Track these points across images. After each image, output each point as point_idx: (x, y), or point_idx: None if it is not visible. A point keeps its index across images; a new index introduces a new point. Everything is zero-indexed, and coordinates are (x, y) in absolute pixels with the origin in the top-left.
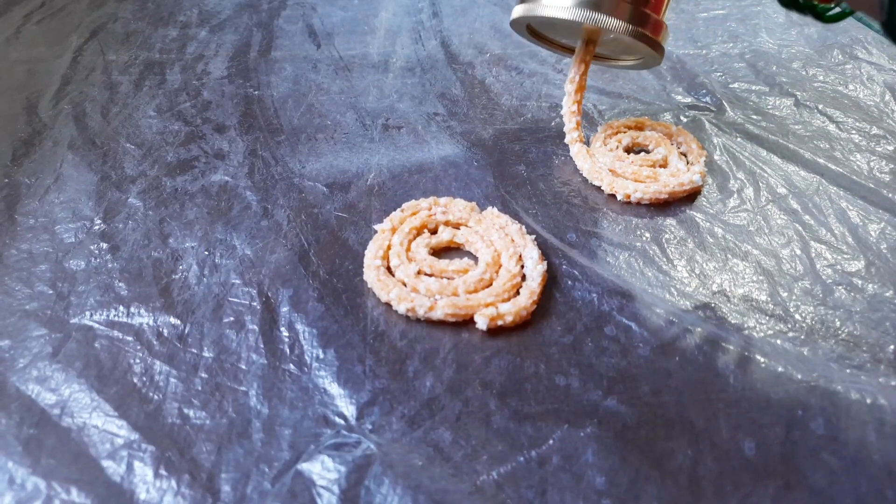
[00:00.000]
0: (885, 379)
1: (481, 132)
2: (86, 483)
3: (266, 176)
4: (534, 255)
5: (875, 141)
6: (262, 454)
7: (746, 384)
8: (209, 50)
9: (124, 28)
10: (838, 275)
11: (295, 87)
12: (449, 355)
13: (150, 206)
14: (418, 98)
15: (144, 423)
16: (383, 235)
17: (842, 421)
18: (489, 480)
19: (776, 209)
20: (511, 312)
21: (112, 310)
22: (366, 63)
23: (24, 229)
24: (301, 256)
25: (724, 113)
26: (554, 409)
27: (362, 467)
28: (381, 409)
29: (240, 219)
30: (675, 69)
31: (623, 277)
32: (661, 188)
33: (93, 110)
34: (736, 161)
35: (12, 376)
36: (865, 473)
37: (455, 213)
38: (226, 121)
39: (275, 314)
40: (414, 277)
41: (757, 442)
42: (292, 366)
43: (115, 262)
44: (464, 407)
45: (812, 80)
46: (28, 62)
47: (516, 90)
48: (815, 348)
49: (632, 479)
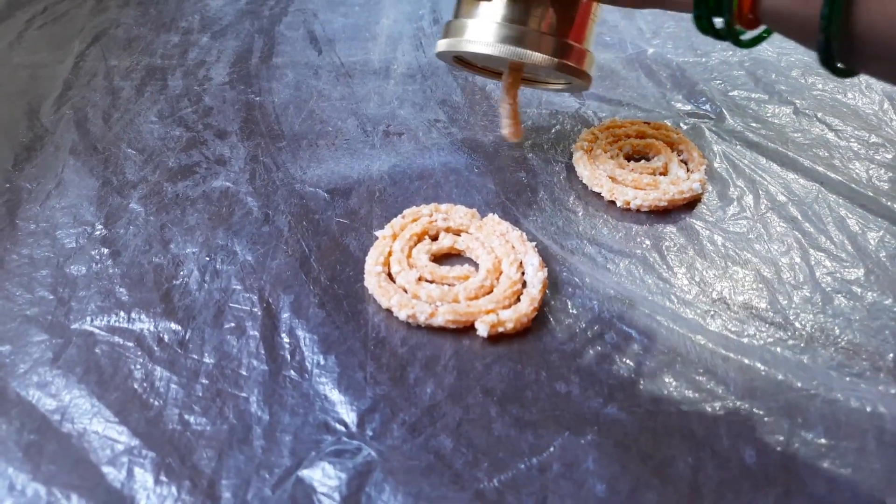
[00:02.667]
0: (884, 387)
1: (482, 139)
2: (86, 489)
3: (267, 182)
4: (534, 261)
5: (874, 149)
6: (263, 461)
7: (746, 392)
8: (211, 56)
9: (126, 34)
10: (838, 283)
11: (296, 93)
12: (450, 362)
13: (152, 212)
14: (419, 104)
15: (145, 429)
16: (384, 242)
17: (842, 429)
18: (490, 487)
19: (776, 217)
20: (512, 319)
21: (113, 315)
22: (367, 69)
23: (26, 234)
24: (302, 262)
25: (724, 121)
26: (555, 416)
27: (363, 474)
28: (381, 415)
29: (241, 224)
30: (675, 77)
31: (623, 285)
32: (661, 195)
33: (94, 115)
34: (736, 169)
35: (13, 381)
36: (865, 481)
37: (456, 220)
38: (227, 127)
39: (276, 320)
40: (415, 284)
41: (757, 450)
42: (293, 372)
43: (116, 267)
44: (465, 414)
45: (811, 88)
46: (30, 67)
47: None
48: (814, 356)
49: (632, 486)
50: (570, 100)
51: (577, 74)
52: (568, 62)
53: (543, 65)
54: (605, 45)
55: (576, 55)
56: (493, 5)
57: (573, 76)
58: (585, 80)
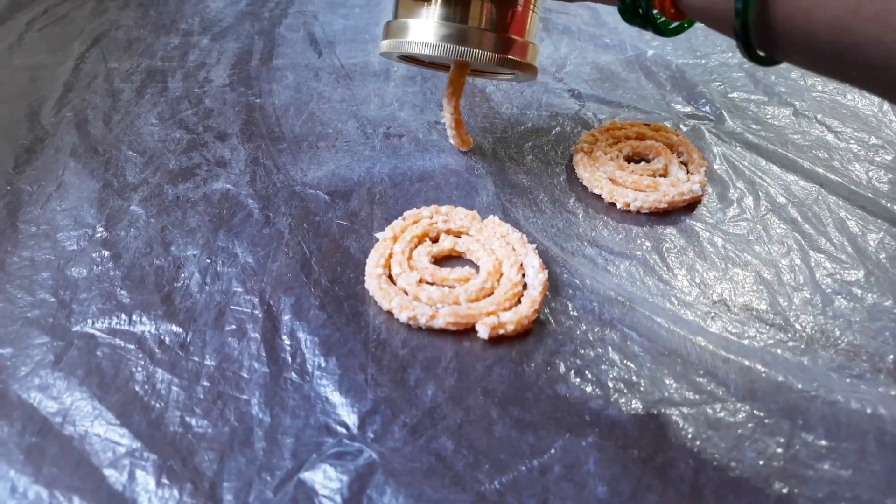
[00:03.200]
0: (884, 388)
1: (482, 141)
2: (88, 492)
3: (268, 184)
4: (535, 263)
5: (874, 150)
6: (265, 463)
7: (747, 394)
8: (211, 58)
9: (126, 35)
10: (838, 284)
11: (296, 95)
12: (450, 364)
13: (152, 214)
14: (419, 106)
15: (146, 432)
16: (385, 244)
17: (842, 431)
18: (491, 489)
19: (776, 218)
20: (512, 321)
21: (114, 318)
22: (367, 71)
23: (26, 237)
24: (303, 264)
25: (724, 122)
26: (556, 418)
27: (364, 476)
28: (382, 417)
29: (241, 227)
30: (675, 79)
31: (624, 286)
32: (661, 197)
33: (95, 118)
34: (735, 170)
35: (14, 384)
36: (866, 483)
37: (456, 222)
38: (227, 129)
39: (276, 322)
40: (415, 286)
41: (758, 452)
42: (294, 374)
43: (116, 269)
44: (465, 416)
45: (811, 89)
46: (30, 69)
47: (517, 99)
48: (814, 358)
49: (633, 488)
50: (569, 102)
51: (521, 67)
52: (510, 56)
53: (485, 61)
54: (605, 47)
55: (518, 48)
56: (433, 5)
57: (516, 69)
58: (530, 72)
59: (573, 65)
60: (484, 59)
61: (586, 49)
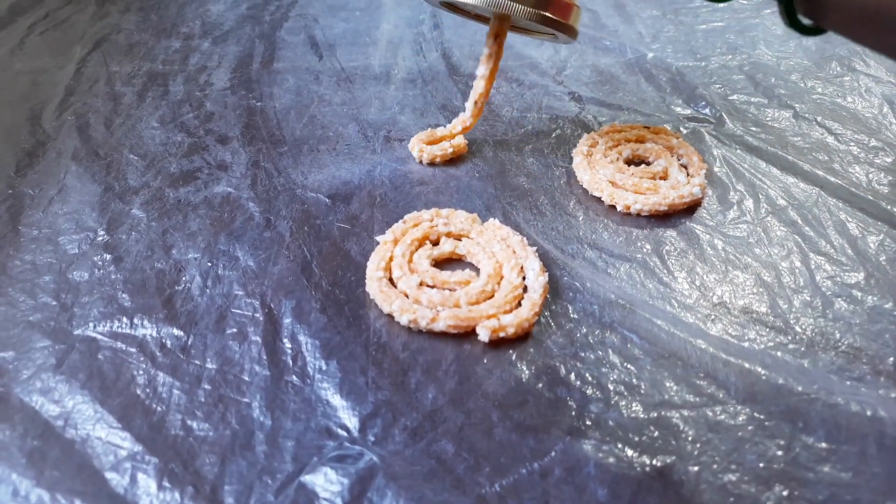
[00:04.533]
0: (885, 391)
1: (482, 144)
2: (89, 495)
3: (268, 187)
4: (535, 266)
5: (874, 153)
6: (266, 466)
7: (747, 396)
8: (212, 61)
9: (127, 39)
10: (838, 287)
11: (297, 98)
12: (451, 367)
13: (154, 218)
14: (420, 110)
15: (148, 435)
16: (385, 247)
17: (842, 433)
18: (491, 492)
19: (776, 221)
20: (513, 324)
21: (115, 321)
22: (367, 75)
23: (28, 240)
24: (303, 268)
25: (724, 125)
26: (556, 420)
27: (365, 479)
28: (383, 420)
29: (242, 230)
30: (675, 81)
31: (624, 289)
32: (661, 200)
33: (96, 121)
34: (736, 173)
35: (16, 387)
36: (866, 486)
37: (457, 225)
38: (228, 132)
39: (277, 325)
40: (416, 289)
41: (758, 454)
42: (295, 377)
43: (118, 273)
44: (466, 419)
45: (810, 91)
46: (32, 73)
47: (517, 102)
48: (815, 360)
49: (634, 490)
50: (570, 104)
51: (560, 27)
52: (549, 14)
53: (526, 17)
54: (605, 50)
55: (559, 8)
56: None
57: (556, 29)
58: (570, 33)
59: (573, 67)
60: (525, 14)
61: (586, 52)
